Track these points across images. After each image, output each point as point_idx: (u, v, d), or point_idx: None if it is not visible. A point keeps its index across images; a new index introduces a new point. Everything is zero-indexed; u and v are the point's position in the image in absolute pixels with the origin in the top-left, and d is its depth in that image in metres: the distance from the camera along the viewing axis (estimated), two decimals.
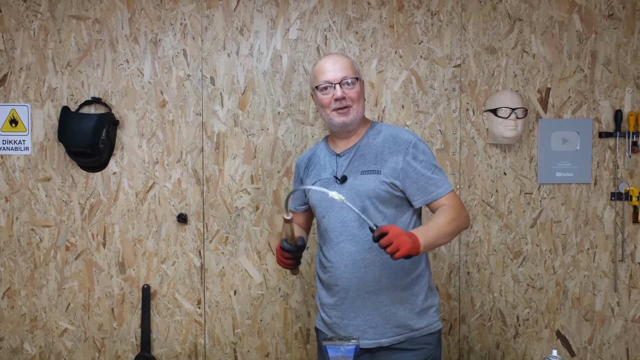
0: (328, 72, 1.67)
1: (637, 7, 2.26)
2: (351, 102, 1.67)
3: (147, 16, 2.32)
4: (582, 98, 2.28)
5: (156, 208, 2.36)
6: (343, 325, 1.69)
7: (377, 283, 1.65)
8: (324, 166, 1.75)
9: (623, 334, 2.32)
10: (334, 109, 1.67)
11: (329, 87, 1.67)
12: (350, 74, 1.67)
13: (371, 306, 1.66)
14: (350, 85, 1.67)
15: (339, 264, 1.67)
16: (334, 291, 1.70)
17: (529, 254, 2.32)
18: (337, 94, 1.65)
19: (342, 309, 1.69)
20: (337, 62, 1.69)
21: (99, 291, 2.38)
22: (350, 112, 1.67)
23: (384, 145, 1.68)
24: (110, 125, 2.30)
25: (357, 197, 1.64)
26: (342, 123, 1.68)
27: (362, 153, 1.69)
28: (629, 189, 2.27)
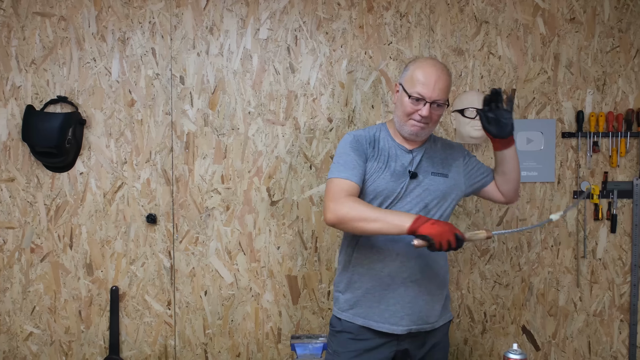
0: (427, 87, 1.63)
1: (597, 12, 2.33)
2: (431, 121, 1.68)
3: (114, 14, 2.29)
4: (546, 99, 2.35)
5: (125, 209, 2.32)
6: (379, 310, 1.70)
7: (421, 273, 1.70)
8: (393, 156, 1.72)
9: (585, 328, 2.39)
10: (413, 120, 1.67)
11: (420, 100, 1.64)
12: (444, 98, 1.66)
13: (412, 294, 1.69)
14: (439, 107, 1.67)
15: (390, 252, 1.69)
16: (378, 277, 1.70)
17: (495, 252, 2.37)
18: (424, 113, 1.64)
19: (382, 295, 1.70)
20: (441, 80, 1.65)
21: (65, 294, 2.33)
22: (425, 129, 1.69)
23: (445, 151, 1.79)
24: (77, 125, 2.26)
25: (426, 194, 1.69)
26: (414, 134, 1.70)
27: (430, 156, 1.75)
28: (590, 188, 2.35)
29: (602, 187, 2.35)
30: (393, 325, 1.68)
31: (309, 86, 2.32)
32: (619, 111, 2.35)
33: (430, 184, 1.71)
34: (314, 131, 2.33)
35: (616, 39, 2.34)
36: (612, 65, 2.34)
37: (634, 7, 2.33)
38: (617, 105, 2.35)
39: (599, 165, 2.36)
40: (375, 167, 1.70)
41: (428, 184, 1.70)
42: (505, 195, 1.84)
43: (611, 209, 2.36)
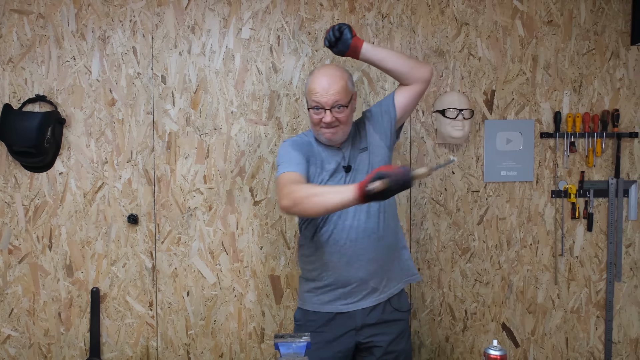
0: (321, 95, 1.72)
1: (574, 15, 2.38)
2: (340, 123, 1.76)
3: (94, 12, 2.26)
4: (525, 100, 2.39)
5: (105, 209, 2.30)
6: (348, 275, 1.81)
7: (377, 250, 1.80)
8: (327, 158, 1.82)
9: (563, 324, 2.44)
10: (322, 128, 1.76)
11: (319, 108, 1.74)
12: (342, 99, 1.73)
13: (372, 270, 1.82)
14: (340, 109, 1.74)
15: (344, 239, 1.79)
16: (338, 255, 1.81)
17: (476, 250, 2.41)
18: (327, 119, 1.73)
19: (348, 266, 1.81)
20: (332, 84, 1.72)
21: (44, 295, 2.30)
22: (338, 132, 1.78)
23: (356, 128, 1.88)
24: (56, 124, 2.23)
25: (361, 176, 1.77)
26: (330, 140, 1.80)
27: (353, 141, 1.85)
28: (568, 187, 2.40)
29: (578, 186, 2.41)
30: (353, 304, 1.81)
31: (291, 86, 2.32)
32: (594, 112, 2.40)
33: (359, 164, 1.81)
34: (296, 131, 2.33)
35: (592, 42, 2.39)
36: (588, 67, 2.39)
37: (608, 10, 2.38)
38: (593, 107, 2.40)
39: (575, 165, 2.41)
40: (313, 171, 1.80)
41: (358, 166, 1.80)
42: (413, 82, 1.82)
43: (587, 208, 2.41)
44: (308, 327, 1.85)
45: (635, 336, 2.45)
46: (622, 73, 2.40)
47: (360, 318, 1.83)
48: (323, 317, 1.85)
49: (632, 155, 2.41)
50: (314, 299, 1.87)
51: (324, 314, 1.85)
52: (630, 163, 2.41)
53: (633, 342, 2.45)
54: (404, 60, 1.80)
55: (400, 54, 1.81)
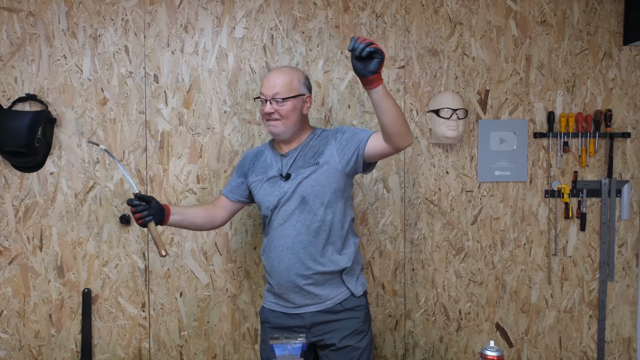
0: (264, 86, 1.84)
1: (567, 15, 2.39)
2: (280, 117, 1.82)
3: (85, 10, 2.24)
4: (518, 100, 2.39)
5: (97, 209, 2.28)
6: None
7: (310, 262, 1.84)
8: (271, 165, 1.91)
9: (556, 324, 2.45)
10: (266, 119, 1.85)
11: (262, 99, 1.84)
12: (282, 92, 1.80)
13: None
14: (280, 102, 1.81)
15: (282, 247, 1.85)
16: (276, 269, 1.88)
17: (470, 250, 2.41)
18: (265, 109, 1.82)
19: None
20: (278, 78, 1.82)
21: (35, 297, 2.27)
22: (278, 126, 1.83)
23: (320, 142, 1.87)
24: (47, 123, 2.21)
25: (301, 188, 1.82)
26: (271, 132, 1.87)
27: (304, 153, 1.87)
28: (561, 187, 2.40)
29: (572, 186, 2.41)
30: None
31: None
32: (587, 112, 2.41)
33: (302, 177, 1.82)
34: None
35: (585, 42, 2.40)
36: (581, 67, 2.40)
37: (601, 10, 2.39)
38: (586, 107, 2.41)
39: (569, 164, 2.42)
40: (256, 180, 1.92)
41: (300, 179, 1.82)
42: (391, 143, 1.72)
43: (581, 208, 2.42)
44: (267, 324, 1.93)
45: (628, 335, 2.46)
46: (614, 73, 2.41)
47: (308, 318, 1.85)
48: (276, 314, 1.91)
49: (624, 155, 2.42)
50: (267, 296, 1.95)
51: (276, 312, 1.91)
52: (623, 163, 2.42)
53: (625, 341, 2.46)
54: (400, 123, 1.68)
55: (400, 114, 1.68)
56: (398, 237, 2.38)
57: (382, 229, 2.37)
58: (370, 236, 2.36)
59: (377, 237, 2.37)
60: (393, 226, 2.37)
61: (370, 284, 2.38)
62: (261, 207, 1.91)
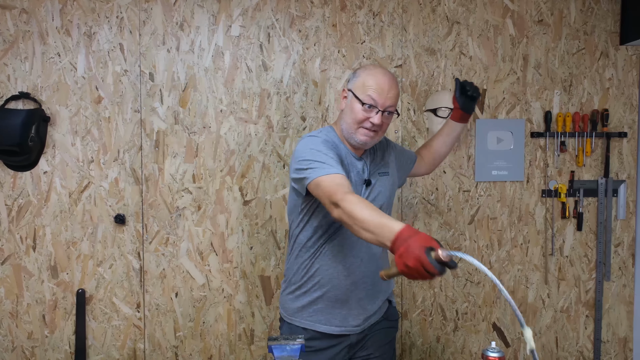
0: (380, 94, 1.59)
1: (564, 15, 2.39)
2: (380, 129, 1.64)
3: (80, 8, 2.21)
4: (515, 99, 2.39)
5: (92, 209, 2.25)
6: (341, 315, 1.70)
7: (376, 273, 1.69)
8: (349, 165, 1.67)
9: (552, 324, 2.45)
10: (363, 127, 1.62)
11: (372, 108, 1.60)
12: (394, 105, 1.64)
13: (372, 296, 1.75)
14: (389, 115, 1.64)
15: (355, 258, 1.68)
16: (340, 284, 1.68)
17: (467, 250, 2.40)
18: (376, 120, 1.60)
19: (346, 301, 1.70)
20: (393, 88, 1.62)
21: (28, 297, 2.24)
22: (376, 137, 1.65)
23: (380, 148, 1.79)
24: (41, 122, 2.18)
25: (379, 197, 1.72)
26: (364, 143, 1.65)
27: (374, 158, 1.75)
28: (558, 187, 2.40)
29: (569, 186, 2.41)
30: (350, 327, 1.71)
31: (282, 84, 2.29)
32: (584, 112, 2.41)
33: (381, 185, 1.72)
34: (287, 130, 2.30)
35: (582, 41, 2.40)
36: (578, 66, 2.40)
37: (598, 10, 2.39)
38: (583, 106, 2.41)
39: (566, 164, 2.42)
40: None
41: (379, 188, 1.72)
42: (428, 170, 2.03)
43: (577, 208, 2.42)
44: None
45: (624, 335, 2.46)
46: (611, 73, 2.41)
47: (355, 336, 1.73)
48: (314, 334, 1.70)
49: (621, 155, 2.42)
50: (305, 315, 1.71)
51: (316, 332, 1.70)
52: (619, 163, 2.43)
53: (621, 341, 2.46)
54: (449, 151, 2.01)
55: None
56: None
57: None
58: None
59: None
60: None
61: None
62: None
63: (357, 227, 1.37)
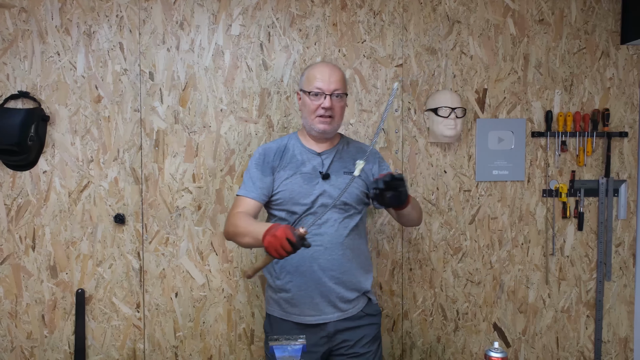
0: (323, 81, 1.77)
1: (565, 14, 2.38)
2: (335, 114, 1.78)
3: (79, 6, 2.20)
4: (516, 99, 2.38)
5: (91, 208, 2.24)
6: (302, 300, 1.79)
7: (348, 264, 1.79)
8: (302, 161, 1.83)
9: (553, 324, 2.44)
10: (319, 116, 1.77)
11: (320, 94, 1.77)
12: (341, 88, 1.79)
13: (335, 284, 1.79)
14: (338, 98, 1.78)
15: (317, 246, 1.75)
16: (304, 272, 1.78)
17: (468, 250, 2.40)
18: (326, 104, 1.76)
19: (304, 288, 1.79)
20: (333, 73, 1.78)
21: (27, 297, 2.23)
22: (332, 123, 1.79)
23: (357, 154, 1.85)
24: (40, 121, 2.17)
25: (335, 190, 1.78)
26: (323, 130, 1.79)
27: (341, 156, 1.85)
28: (559, 186, 2.40)
29: (569, 185, 2.41)
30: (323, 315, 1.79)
31: (282, 83, 2.29)
32: (585, 111, 2.41)
33: (342, 182, 1.79)
34: (287, 129, 2.30)
35: (582, 41, 2.39)
36: (578, 66, 2.40)
37: (599, 9, 2.39)
38: (584, 106, 2.41)
39: (566, 164, 2.41)
40: (286, 175, 1.80)
41: (340, 183, 1.79)
42: (404, 225, 2.12)
43: (578, 207, 2.41)
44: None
45: (625, 335, 2.46)
46: (612, 72, 2.40)
47: (332, 326, 1.80)
48: (291, 326, 1.81)
49: (621, 154, 2.42)
50: (282, 306, 1.83)
51: (292, 323, 1.81)
52: (620, 162, 2.42)
53: (622, 341, 2.46)
54: (418, 222, 1.95)
55: (419, 214, 1.93)
56: (396, 237, 2.36)
57: (380, 228, 2.35)
58: (368, 236, 2.34)
59: (374, 236, 2.35)
60: (391, 226, 2.35)
61: None
62: (293, 204, 1.78)
63: (236, 240, 1.73)
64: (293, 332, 1.77)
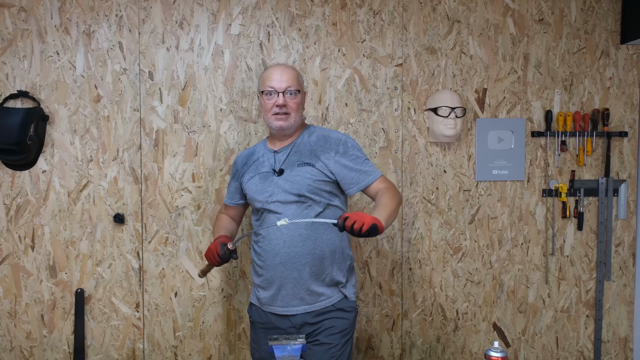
0: (274, 81, 1.84)
1: (565, 14, 2.38)
2: (290, 110, 1.85)
3: (79, 6, 2.20)
4: (516, 99, 2.38)
5: (91, 208, 2.24)
6: (272, 299, 1.86)
7: (312, 257, 1.81)
8: (262, 162, 1.92)
9: (553, 323, 2.44)
10: (274, 114, 1.84)
11: (273, 93, 1.84)
12: (293, 85, 1.85)
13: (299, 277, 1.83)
14: (292, 95, 1.85)
15: (277, 240, 1.82)
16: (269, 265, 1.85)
17: (467, 250, 2.39)
18: (279, 101, 1.83)
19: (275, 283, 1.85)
20: (285, 72, 1.86)
21: (27, 297, 2.23)
22: (288, 119, 1.85)
23: (317, 143, 1.88)
24: (39, 121, 2.17)
25: (294, 185, 1.81)
26: (280, 127, 1.86)
27: (298, 149, 1.88)
28: (559, 186, 2.39)
29: (569, 185, 2.40)
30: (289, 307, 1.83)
31: None
32: (585, 111, 2.40)
33: (296, 174, 1.83)
34: None
35: (582, 40, 2.39)
36: (578, 66, 2.39)
37: (599, 9, 2.38)
38: (584, 105, 2.40)
39: (566, 164, 2.41)
40: (248, 177, 1.92)
41: (294, 176, 1.83)
42: None
43: (578, 207, 2.41)
44: (256, 322, 1.94)
45: (624, 335, 2.46)
46: (612, 72, 2.40)
47: (299, 318, 1.84)
48: (265, 314, 1.90)
49: (621, 154, 2.42)
50: (257, 294, 1.91)
51: (266, 312, 1.89)
52: (620, 162, 2.42)
53: (622, 341, 2.46)
54: (397, 209, 1.82)
55: (393, 207, 1.77)
56: (395, 237, 2.36)
57: None
58: None
59: None
60: (390, 225, 2.35)
61: (367, 284, 2.36)
62: (254, 202, 1.90)
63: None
64: (265, 319, 1.88)
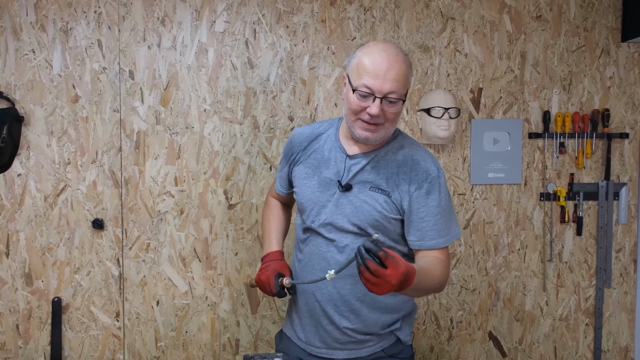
0: (376, 78, 1.33)
1: (563, 10, 2.29)
2: (385, 120, 1.37)
3: (55, 2, 2.11)
4: (513, 99, 2.29)
5: (68, 213, 2.15)
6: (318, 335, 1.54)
7: (359, 300, 1.48)
8: (328, 161, 1.49)
9: (551, 332, 2.35)
10: (361, 120, 1.37)
11: (368, 96, 1.34)
12: (398, 91, 1.35)
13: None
14: (393, 103, 1.35)
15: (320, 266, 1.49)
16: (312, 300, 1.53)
17: (462, 256, 2.30)
18: (372, 110, 1.33)
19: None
20: (393, 68, 1.33)
21: (1, 306, 2.14)
22: (379, 130, 1.39)
23: (401, 167, 1.45)
24: (14, 122, 2.07)
25: (356, 214, 1.43)
26: (365, 138, 1.40)
27: (377, 164, 1.45)
28: (557, 190, 2.30)
29: (568, 189, 2.31)
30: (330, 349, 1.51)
31: (268, 83, 2.19)
32: (584, 112, 2.31)
33: (366, 200, 1.42)
34: (274, 130, 2.20)
35: (582, 38, 2.30)
36: (577, 64, 2.30)
37: (599, 6, 2.29)
38: (583, 106, 2.31)
39: (565, 166, 2.32)
40: (304, 173, 1.51)
41: (362, 201, 1.42)
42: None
43: (577, 212, 2.32)
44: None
45: (625, 344, 2.37)
46: (612, 71, 2.31)
47: None
48: (298, 351, 1.58)
49: (622, 156, 2.33)
50: (293, 327, 1.61)
51: (299, 349, 1.58)
52: (621, 165, 2.33)
53: (623, 350, 2.37)
54: (434, 291, 1.42)
55: (433, 286, 1.39)
56: None
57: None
58: None
59: None
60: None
61: None
62: (302, 211, 1.53)
63: (262, 225, 1.76)
64: (297, 354, 1.57)
